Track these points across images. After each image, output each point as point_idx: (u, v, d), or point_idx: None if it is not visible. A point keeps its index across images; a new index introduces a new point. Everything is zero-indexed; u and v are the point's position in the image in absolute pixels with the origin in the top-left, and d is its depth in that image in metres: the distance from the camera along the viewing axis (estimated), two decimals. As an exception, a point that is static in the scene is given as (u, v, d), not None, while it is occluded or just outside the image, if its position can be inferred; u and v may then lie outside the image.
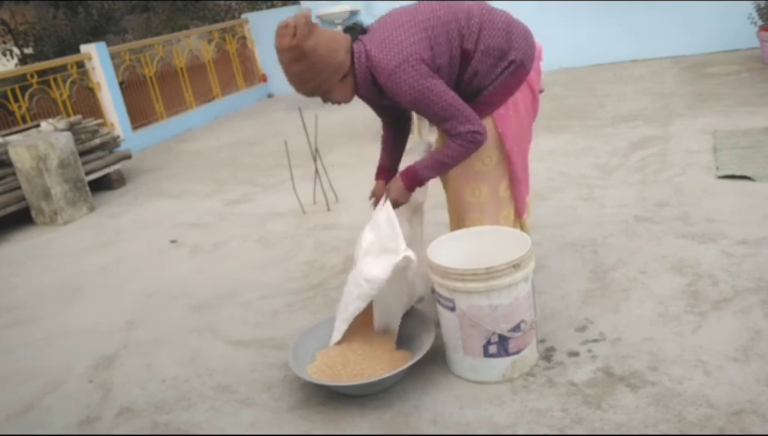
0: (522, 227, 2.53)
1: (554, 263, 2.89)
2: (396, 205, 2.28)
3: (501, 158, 2.33)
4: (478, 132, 2.14)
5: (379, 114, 2.49)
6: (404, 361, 2.20)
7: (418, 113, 2.22)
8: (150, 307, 3.20)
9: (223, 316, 2.97)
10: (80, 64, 6.71)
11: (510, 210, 2.44)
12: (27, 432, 2.36)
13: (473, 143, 2.15)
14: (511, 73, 2.24)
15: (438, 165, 2.23)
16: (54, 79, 6.30)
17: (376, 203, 2.38)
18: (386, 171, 2.47)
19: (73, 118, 5.45)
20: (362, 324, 2.39)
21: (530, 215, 2.65)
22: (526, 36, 2.31)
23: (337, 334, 2.37)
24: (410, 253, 2.17)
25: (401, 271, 2.22)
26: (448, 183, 2.44)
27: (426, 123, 4.49)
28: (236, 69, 8.80)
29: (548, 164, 4.23)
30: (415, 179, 2.27)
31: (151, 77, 7.47)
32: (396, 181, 2.30)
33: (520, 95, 2.29)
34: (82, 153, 5.22)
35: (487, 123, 2.25)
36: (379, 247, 2.26)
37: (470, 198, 2.37)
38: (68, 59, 6.66)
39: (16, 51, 12.33)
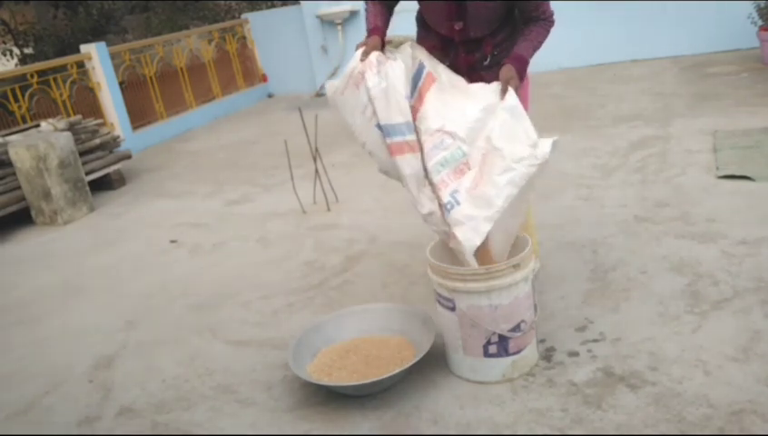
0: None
1: (554, 263, 2.89)
2: (512, 87, 2.24)
3: None
4: (554, 21, 2.38)
5: None
6: (404, 362, 2.20)
7: None
8: (150, 307, 3.20)
9: (223, 316, 2.97)
10: (80, 64, 6.71)
11: None
12: (27, 432, 2.36)
13: (552, 25, 2.36)
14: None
15: (534, 48, 2.34)
16: (54, 79, 6.29)
17: (366, 54, 2.26)
18: (379, 30, 2.39)
19: (73, 118, 5.45)
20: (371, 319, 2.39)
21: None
22: None
23: (478, 238, 2.09)
24: (547, 149, 2.11)
25: (531, 178, 2.10)
26: None
27: None
28: (236, 69, 8.79)
29: (548, 164, 4.23)
30: (521, 60, 2.29)
31: (151, 77, 7.47)
32: (508, 69, 2.26)
33: (526, 79, 2.49)
34: (82, 153, 5.22)
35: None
36: (511, 128, 2.15)
37: None
38: (68, 59, 6.66)
39: (16, 51, 12.32)
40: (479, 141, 2.16)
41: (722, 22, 6.62)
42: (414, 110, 2.24)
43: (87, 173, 5.17)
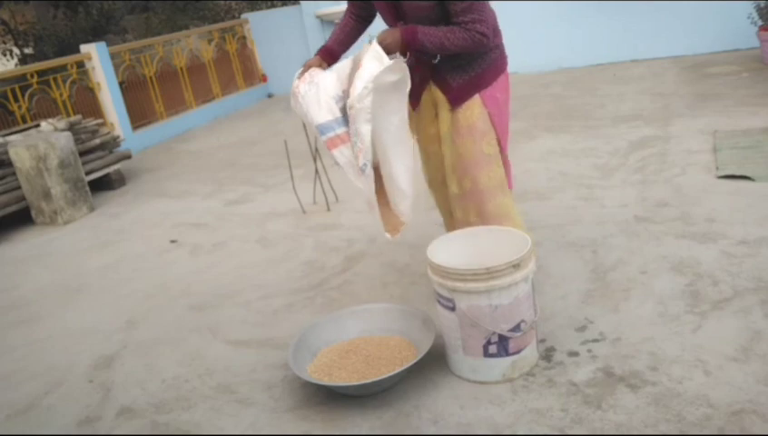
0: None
1: (554, 263, 2.89)
2: (384, 49, 2.21)
3: (496, 139, 2.42)
4: (487, 36, 2.21)
5: (353, 5, 2.51)
6: (404, 362, 2.20)
7: None
8: (150, 307, 3.20)
9: (223, 316, 2.97)
10: (80, 64, 6.71)
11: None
12: (27, 432, 2.36)
13: (478, 43, 2.21)
14: (498, 55, 2.38)
15: (437, 40, 2.21)
16: (54, 79, 6.30)
17: (301, 72, 2.40)
18: (329, 52, 2.48)
19: (73, 118, 5.45)
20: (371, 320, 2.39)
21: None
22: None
23: (369, 189, 2.33)
24: (400, 59, 2.17)
25: (398, 83, 2.21)
26: (456, 171, 2.42)
27: None
28: (236, 69, 8.80)
29: (548, 164, 4.24)
30: (412, 35, 2.21)
31: (151, 77, 7.47)
32: (393, 30, 2.25)
33: (501, 80, 2.41)
34: (82, 153, 5.22)
35: (476, 103, 2.35)
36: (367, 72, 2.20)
37: (487, 182, 2.40)
38: (68, 59, 6.66)
39: (16, 51, 12.33)
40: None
41: (722, 22, 6.63)
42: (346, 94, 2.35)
43: (87, 173, 5.17)
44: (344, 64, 2.37)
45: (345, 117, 2.33)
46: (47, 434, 2.32)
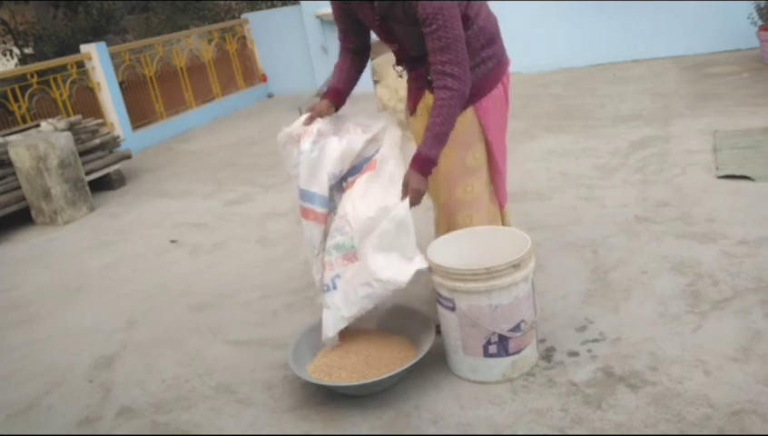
0: (504, 219, 2.53)
1: (554, 263, 2.89)
2: (419, 197, 2.20)
3: (485, 150, 2.37)
4: (458, 77, 2.09)
5: (345, 38, 2.45)
6: (404, 362, 2.20)
7: (424, 28, 2.11)
8: (150, 307, 3.20)
9: (223, 316, 2.97)
10: (80, 64, 6.71)
11: (495, 202, 2.47)
12: (27, 432, 2.36)
13: (454, 91, 2.09)
14: (494, 65, 2.31)
15: (439, 136, 2.15)
16: (54, 79, 6.29)
17: (311, 119, 2.36)
18: (336, 93, 2.43)
19: (73, 118, 5.45)
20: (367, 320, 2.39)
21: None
22: (503, 44, 2.41)
23: (331, 331, 2.27)
24: (424, 264, 2.16)
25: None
26: (439, 183, 2.39)
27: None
28: (236, 69, 8.80)
29: (549, 164, 4.24)
30: (426, 161, 2.17)
31: (151, 77, 7.47)
32: (410, 173, 2.20)
33: (497, 90, 2.34)
34: (82, 153, 5.22)
35: (468, 113, 2.29)
36: (390, 242, 2.18)
37: (462, 195, 2.37)
38: (68, 59, 6.66)
39: (16, 51, 12.32)
40: (367, 239, 2.20)
41: (722, 22, 6.62)
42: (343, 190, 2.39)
43: (87, 173, 5.17)
44: (357, 138, 2.33)
45: (331, 197, 2.35)
46: (47, 434, 2.32)
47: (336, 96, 2.43)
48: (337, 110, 2.43)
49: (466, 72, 2.12)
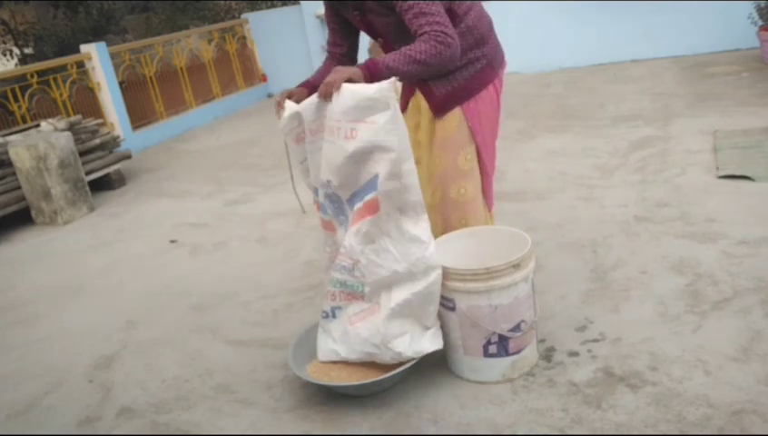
0: (490, 222, 2.53)
1: (554, 263, 2.89)
2: (341, 81, 1.97)
3: (476, 152, 2.36)
4: (448, 34, 2.02)
5: (334, 40, 2.41)
6: (404, 362, 2.20)
7: (403, 14, 2.05)
8: (150, 307, 3.20)
9: (223, 316, 2.97)
10: (80, 64, 6.71)
11: (485, 205, 2.48)
12: (27, 432, 2.36)
13: (443, 44, 2.01)
14: (483, 66, 2.29)
15: (407, 58, 2.00)
16: (54, 79, 6.29)
17: (283, 101, 2.18)
18: (313, 88, 2.21)
19: (73, 118, 5.45)
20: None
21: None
22: (499, 45, 2.38)
23: (323, 357, 2.28)
24: (440, 344, 2.12)
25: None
26: (433, 183, 2.40)
27: None
28: (236, 69, 8.80)
29: (548, 164, 4.24)
30: (376, 67, 2.00)
31: (151, 77, 7.47)
32: (348, 69, 2.02)
33: (486, 93, 2.32)
34: (82, 153, 5.22)
35: (456, 115, 2.28)
36: (411, 310, 2.09)
37: (456, 197, 2.37)
38: (68, 59, 6.66)
39: (16, 51, 12.32)
40: (383, 294, 2.12)
41: (722, 22, 6.62)
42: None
43: (87, 173, 5.17)
44: (338, 148, 2.03)
45: (329, 206, 2.22)
46: (47, 434, 2.32)
47: (311, 89, 2.25)
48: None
49: (449, 28, 2.03)
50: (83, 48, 6.87)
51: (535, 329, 2.19)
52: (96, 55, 6.77)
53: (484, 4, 2.37)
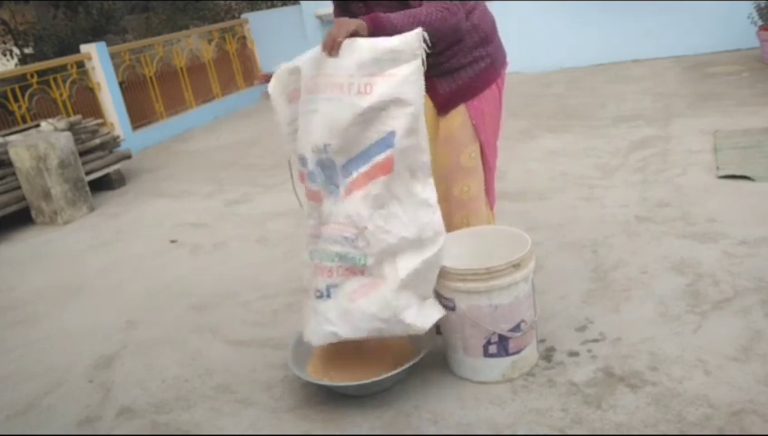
0: (491, 221, 2.53)
1: (554, 263, 2.88)
2: (343, 34, 1.91)
3: (480, 151, 2.35)
4: (454, 5, 2.00)
5: None
6: (404, 362, 2.20)
7: None
8: (150, 307, 3.19)
9: (223, 316, 2.97)
10: (80, 64, 6.71)
11: (488, 204, 2.47)
12: (27, 432, 2.35)
13: (448, 10, 1.99)
14: (487, 65, 2.29)
15: (411, 18, 1.95)
16: (54, 79, 6.29)
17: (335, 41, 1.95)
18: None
19: (73, 118, 5.45)
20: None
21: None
22: (502, 44, 2.38)
23: (317, 341, 2.14)
24: (442, 311, 2.07)
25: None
26: (436, 181, 2.32)
27: None
28: (236, 69, 8.80)
29: (549, 164, 4.24)
30: (380, 22, 1.95)
31: (151, 77, 7.47)
32: (351, 22, 1.97)
33: (489, 92, 2.32)
34: (82, 153, 5.22)
35: (461, 113, 2.28)
36: (417, 281, 2.02)
37: (459, 195, 2.36)
38: (68, 59, 6.66)
39: (16, 51, 12.32)
40: (387, 265, 2.02)
41: (722, 22, 6.62)
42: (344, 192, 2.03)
43: (87, 173, 5.17)
44: (346, 105, 1.93)
45: (319, 174, 2.07)
46: (47, 434, 2.32)
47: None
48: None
49: (458, 5, 2.02)
50: (83, 48, 6.87)
51: (535, 329, 2.19)
52: (96, 55, 6.77)
53: (487, 3, 2.37)
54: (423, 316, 2.05)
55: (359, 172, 1.98)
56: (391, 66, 1.89)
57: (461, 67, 2.25)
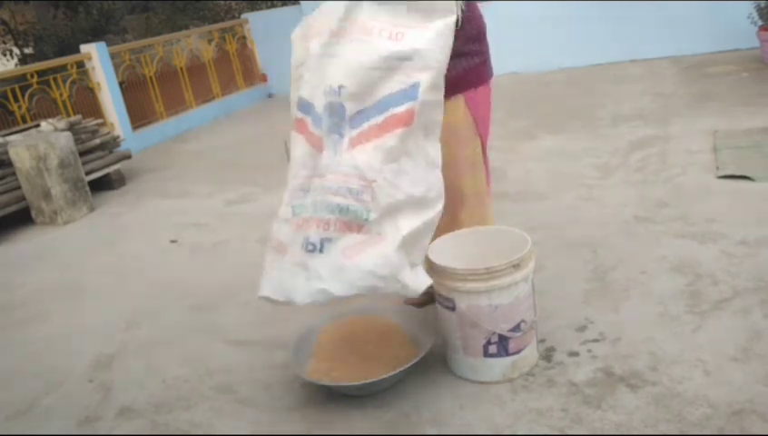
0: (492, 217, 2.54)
1: (554, 263, 2.88)
2: None
3: (481, 146, 2.38)
4: None
5: None
6: (404, 362, 2.20)
7: None
8: (150, 307, 3.19)
9: (223, 316, 2.97)
10: (80, 64, 6.71)
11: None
12: (27, 432, 2.35)
13: None
14: (480, 62, 2.31)
15: None
16: (54, 79, 6.29)
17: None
18: None
19: (73, 118, 5.45)
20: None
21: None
22: (490, 55, 2.40)
23: (303, 299, 2.01)
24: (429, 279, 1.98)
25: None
26: (445, 172, 2.31)
27: None
28: (236, 69, 8.80)
29: (548, 164, 4.24)
30: None
31: (151, 77, 7.47)
32: None
33: (483, 90, 2.35)
34: (82, 153, 5.22)
35: (460, 106, 2.28)
36: (413, 242, 1.94)
37: (468, 190, 2.38)
38: (68, 59, 6.66)
39: (16, 51, 12.32)
40: (387, 223, 1.93)
41: (722, 22, 6.62)
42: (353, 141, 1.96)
43: (87, 173, 5.17)
44: (373, 48, 1.90)
45: (324, 118, 2.01)
46: (47, 434, 2.32)
47: None
48: None
49: None
50: (83, 48, 6.87)
51: (535, 329, 2.19)
52: (96, 55, 6.76)
53: (489, 4, 2.37)
54: (417, 279, 1.97)
55: (371, 123, 1.92)
56: (425, 20, 1.88)
57: (457, 56, 2.22)
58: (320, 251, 1.98)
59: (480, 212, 2.42)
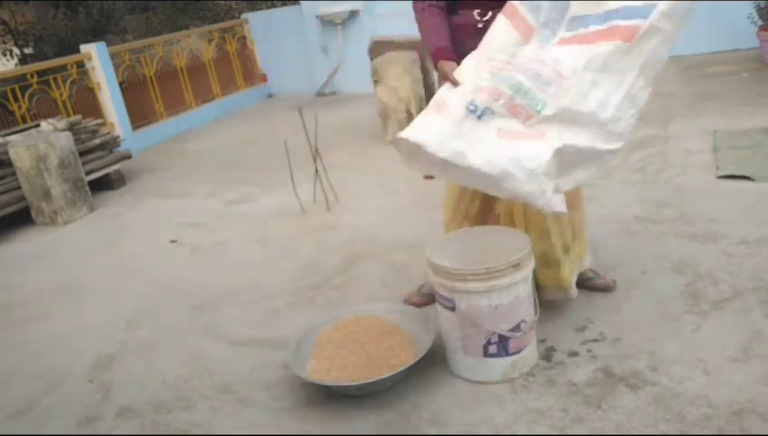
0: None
1: (554, 263, 2.88)
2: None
3: None
4: None
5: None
6: (404, 362, 2.20)
7: None
8: (150, 307, 3.19)
9: (223, 316, 2.97)
10: (80, 64, 6.71)
11: None
12: (27, 432, 2.36)
13: None
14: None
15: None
16: (54, 79, 6.29)
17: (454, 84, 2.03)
18: (448, 51, 2.21)
19: (73, 118, 5.45)
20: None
21: None
22: None
23: (429, 145, 1.87)
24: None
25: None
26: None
27: None
28: (236, 69, 8.79)
29: (548, 164, 4.23)
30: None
31: (151, 77, 7.47)
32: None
33: None
34: (82, 153, 5.21)
35: None
36: (569, 162, 1.81)
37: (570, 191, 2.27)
38: (68, 59, 6.65)
39: (16, 51, 12.32)
40: (554, 126, 1.82)
41: (722, 22, 6.62)
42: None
43: (87, 173, 5.17)
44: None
45: (547, 6, 1.92)
46: (47, 434, 2.32)
47: (452, 54, 2.20)
48: None
49: None
50: (83, 48, 6.86)
51: (535, 329, 2.19)
52: (96, 55, 6.76)
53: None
54: (554, 200, 1.86)
55: (589, 30, 1.83)
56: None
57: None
58: (479, 116, 1.88)
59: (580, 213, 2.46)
